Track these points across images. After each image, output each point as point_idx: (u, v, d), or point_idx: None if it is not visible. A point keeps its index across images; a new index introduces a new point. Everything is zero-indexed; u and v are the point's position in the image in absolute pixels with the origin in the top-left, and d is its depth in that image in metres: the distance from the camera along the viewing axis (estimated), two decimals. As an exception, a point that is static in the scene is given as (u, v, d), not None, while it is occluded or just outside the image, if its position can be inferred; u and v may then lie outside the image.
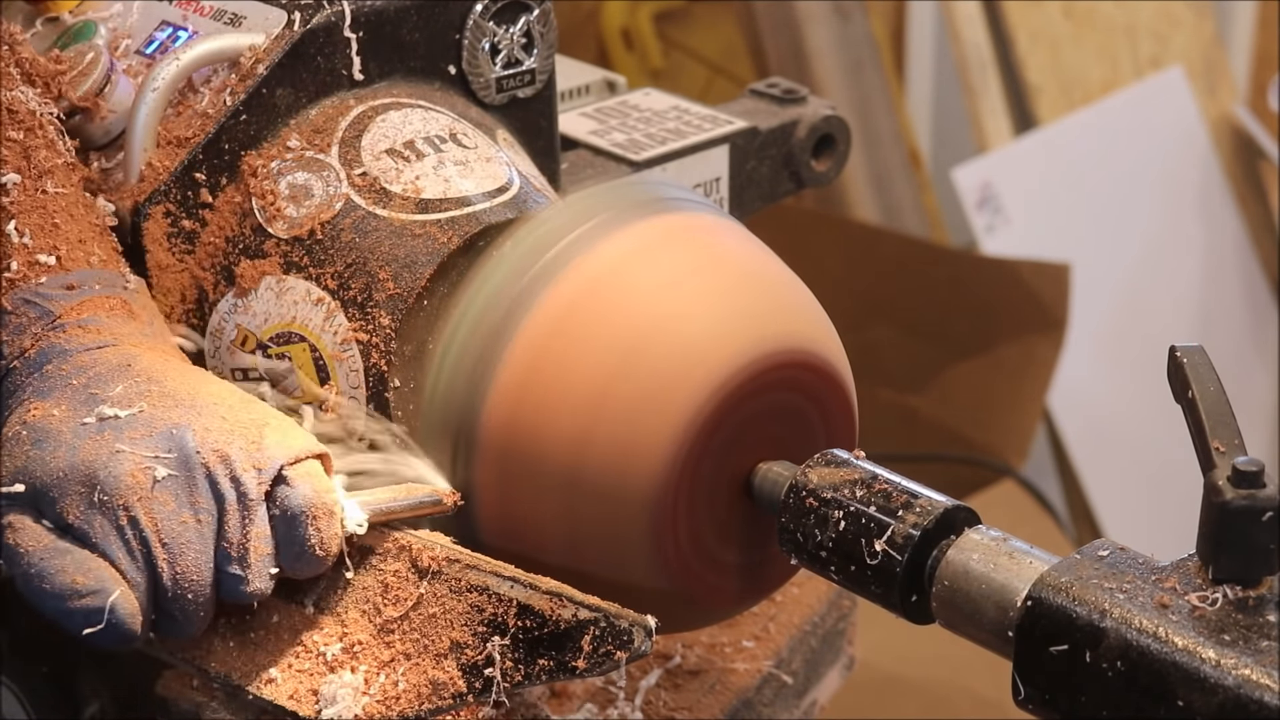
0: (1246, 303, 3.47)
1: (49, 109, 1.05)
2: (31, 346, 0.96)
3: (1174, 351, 0.90)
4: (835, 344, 1.03)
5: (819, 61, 3.00)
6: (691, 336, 0.96)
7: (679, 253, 1.01)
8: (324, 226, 1.04)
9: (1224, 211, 3.43)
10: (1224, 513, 0.79)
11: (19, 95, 1.03)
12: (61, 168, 1.03)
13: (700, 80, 3.31)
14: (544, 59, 1.19)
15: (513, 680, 0.91)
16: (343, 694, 0.92)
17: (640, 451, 0.95)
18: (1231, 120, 3.46)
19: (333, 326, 1.03)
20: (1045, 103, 3.19)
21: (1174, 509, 2.26)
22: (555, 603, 0.91)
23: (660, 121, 1.36)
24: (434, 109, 1.11)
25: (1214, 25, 3.49)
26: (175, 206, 1.06)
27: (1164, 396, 0.91)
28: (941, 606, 0.89)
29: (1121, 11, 3.32)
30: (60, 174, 1.02)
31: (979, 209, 3.05)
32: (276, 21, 1.09)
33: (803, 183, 1.40)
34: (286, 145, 1.08)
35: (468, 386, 0.98)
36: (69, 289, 0.98)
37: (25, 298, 0.97)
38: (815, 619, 1.33)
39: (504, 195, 1.07)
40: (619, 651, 0.90)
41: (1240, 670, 0.76)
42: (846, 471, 0.95)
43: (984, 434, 2.88)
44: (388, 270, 1.03)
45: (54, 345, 0.96)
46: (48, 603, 0.91)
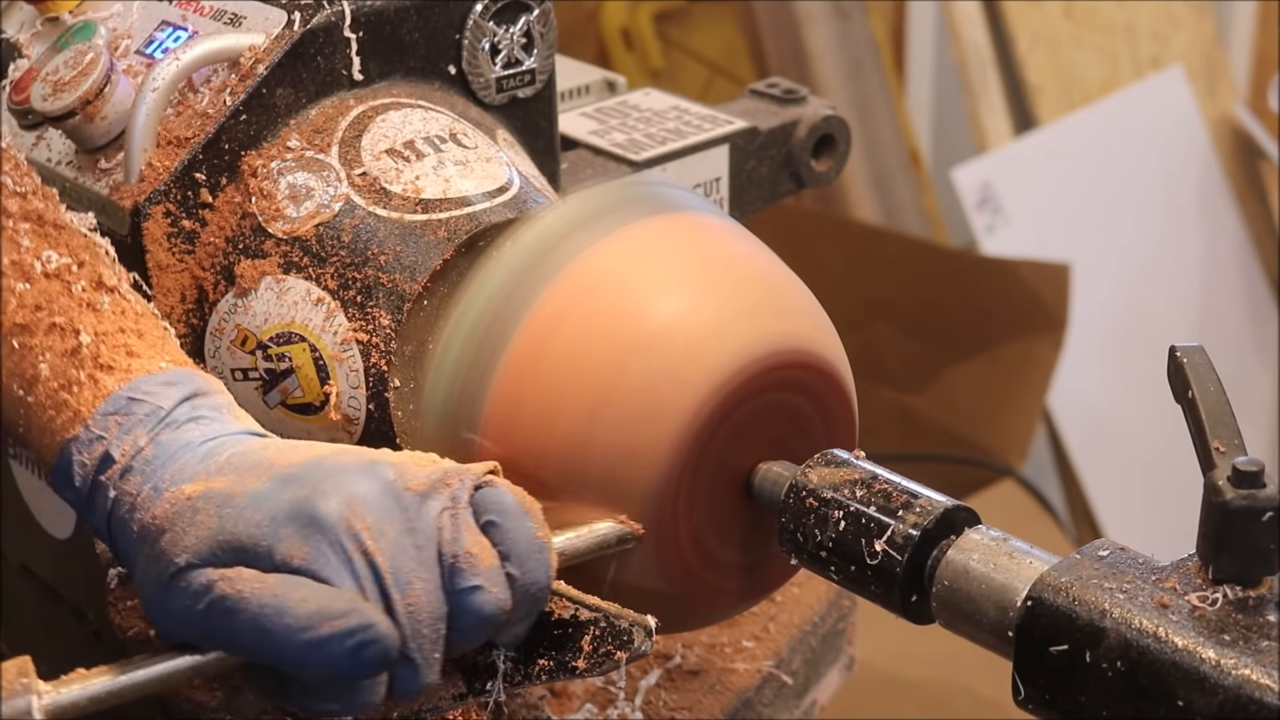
0: (1246, 303, 3.47)
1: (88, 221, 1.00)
2: (148, 445, 0.89)
3: (1174, 351, 0.90)
4: (835, 344, 1.03)
5: (819, 61, 3.00)
6: (691, 336, 0.96)
7: (679, 253, 1.01)
8: (324, 227, 1.04)
9: (1224, 211, 3.43)
10: (1224, 513, 0.79)
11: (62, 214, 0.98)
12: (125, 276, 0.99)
13: (700, 80, 3.31)
14: (544, 59, 1.19)
15: (513, 680, 0.91)
16: (343, 694, 0.92)
17: (640, 451, 0.95)
18: (1231, 120, 3.46)
19: (333, 326, 1.03)
20: (1045, 103, 3.19)
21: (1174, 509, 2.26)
22: (555, 603, 0.91)
23: (660, 121, 1.36)
24: (434, 109, 1.11)
25: (1214, 25, 3.49)
26: (175, 206, 1.06)
27: (1164, 396, 0.91)
28: (941, 606, 0.89)
29: (1121, 11, 3.32)
30: (124, 279, 0.98)
31: (979, 209, 3.05)
32: (276, 21, 1.09)
33: (803, 183, 1.40)
34: (286, 145, 1.08)
35: (468, 387, 0.98)
36: (169, 385, 0.91)
37: (130, 395, 0.90)
38: (815, 619, 1.33)
39: (504, 195, 1.07)
40: (619, 651, 0.90)
41: (1240, 670, 0.76)
42: (846, 471, 0.95)
43: (984, 434, 2.88)
44: (388, 270, 1.03)
45: (174, 440, 0.89)
46: (293, 639, 0.81)
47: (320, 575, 0.83)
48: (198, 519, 0.84)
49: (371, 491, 0.85)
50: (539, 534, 0.88)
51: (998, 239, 3.05)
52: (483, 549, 0.86)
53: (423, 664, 0.85)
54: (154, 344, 0.94)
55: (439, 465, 0.88)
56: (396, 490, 0.85)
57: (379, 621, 0.82)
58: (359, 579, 0.83)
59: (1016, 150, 3.13)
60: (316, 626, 0.81)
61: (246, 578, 0.82)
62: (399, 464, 0.87)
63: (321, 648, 0.81)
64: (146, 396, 0.90)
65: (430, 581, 0.84)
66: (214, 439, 0.89)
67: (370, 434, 1.04)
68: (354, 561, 0.83)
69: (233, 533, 0.83)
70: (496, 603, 0.86)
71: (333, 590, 0.82)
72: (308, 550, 0.83)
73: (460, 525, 0.86)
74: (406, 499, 0.85)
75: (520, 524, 0.87)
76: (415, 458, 0.89)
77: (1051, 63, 3.21)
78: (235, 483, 0.85)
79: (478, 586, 0.85)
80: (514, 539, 0.87)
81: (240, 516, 0.84)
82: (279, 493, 0.84)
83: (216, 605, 0.83)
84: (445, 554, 0.85)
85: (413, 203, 1.05)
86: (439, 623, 0.85)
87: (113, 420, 0.89)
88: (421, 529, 0.85)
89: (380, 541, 0.83)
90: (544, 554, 0.88)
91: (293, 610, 0.81)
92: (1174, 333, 3.28)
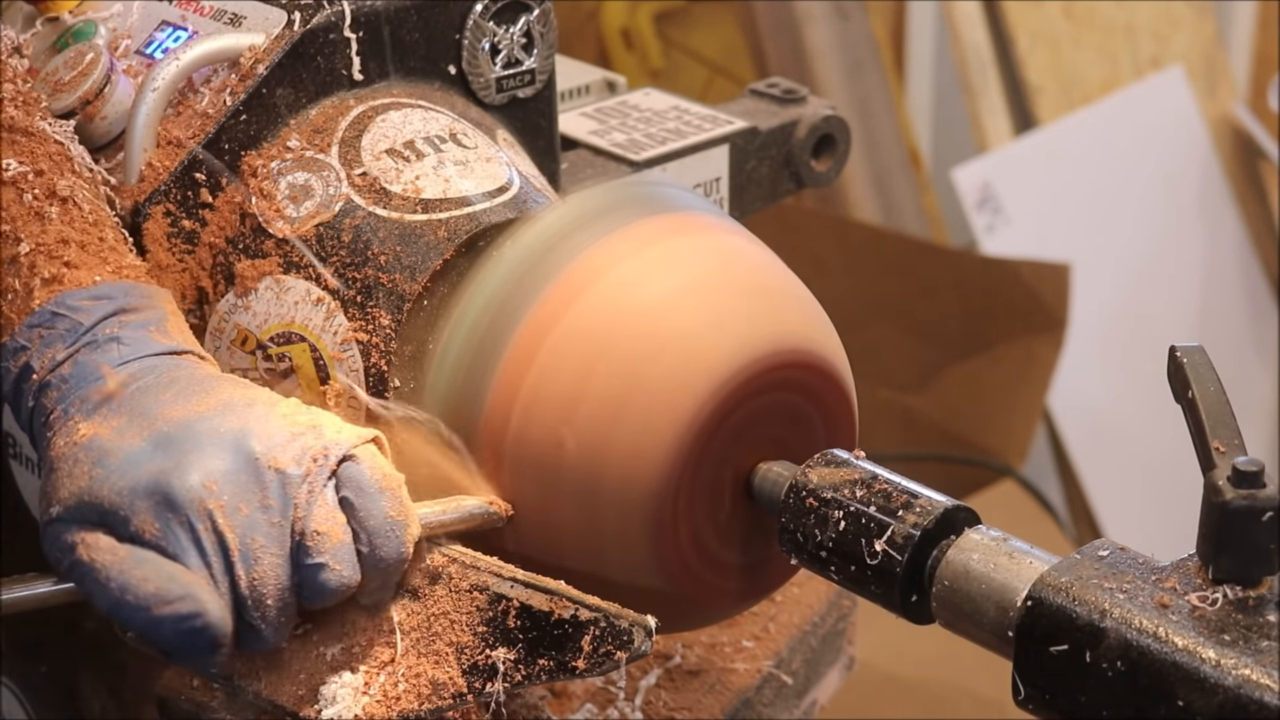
0: (1246, 303, 3.47)
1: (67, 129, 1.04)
2: (65, 361, 0.93)
3: (1174, 351, 0.90)
4: (835, 344, 1.03)
5: (819, 61, 3.00)
6: (691, 336, 0.96)
7: (678, 253, 1.01)
8: (324, 227, 1.04)
9: (1224, 211, 3.43)
10: (1224, 513, 0.79)
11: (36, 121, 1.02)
12: (84, 183, 1.02)
13: (700, 80, 3.31)
14: (544, 59, 1.19)
15: (513, 680, 0.91)
16: (343, 694, 0.92)
17: (640, 451, 0.95)
18: (1231, 120, 3.46)
19: (333, 326, 1.03)
20: (1045, 103, 3.19)
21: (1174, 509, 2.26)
22: (555, 603, 0.91)
23: (660, 121, 1.36)
24: (434, 109, 1.11)
25: (1214, 25, 3.49)
26: (175, 206, 1.06)
27: (1164, 396, 0.91)
28: (941, 606, 0.89)
29: (1121, 11, 3.32)
30: (82, 189, 1.01)
31: (979, 209, 3.05)
32: (276, 21, 1.09)
33: (803, 183, 1.40)
34: (286, 145, 1.08)
35: (467, 387, 0.98)
36: (97, 300, 0.95)
37: (53, 310, 0.94)
38: (815, 619, 1.33)
39: (504, 195, 1.07)
40: (619, 651, 0.90)
41: (1240, 670, 0.76)
42: (846, 471, 0.95)
43: (984, 434, 2.88)
44: (388, 270, 1.03)
45: (90, 360, 0.93)
46: (134, 615, 0.87)
47: (169, 551, 0.88)
48: (76, 470, 0.90)
49: (233, 467, 0.89)
50: (391, 512, 0.91)
51: (998, 239, 3.05)
52: (333, 526, 0.90)
53: (267, 629, 0.90)
54: (96, 257, 0.98)
55: (312, 437, 0.91)
56: (259, 467, 0.89)
57: (210, 609, 0.87)
58: (206, 556, 0.88)
59: (1016, 150, 3.13)
60: (153, 608, 0.87)
61: (102, 547, 0.88)
62: (271, 435, 0.91)
63: (158, 626, 0.87)
64: (69, 312, 0.94)
65: (279, 556, 0.89)
66: (128, 362, 0.93)
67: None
68: (202, 540, 0.88)
69: (98, 496, 0.89)
70: (340, 579, 0.90)
71: (173, 571, 0.87)
72: (159, 527, 0.88)
73: (313, 502, 0.89)
74: (267, 476, 0.89)
75: (374, 502, 0.91)
76: (295, 423, 0.92)
77: (1051, 63, 3.21)
78: (117, 433, 0.90)
79: (322, 564, 0.89)
80: (366, 516, 0.91)
81: (107, 481, 0.89)
82: (147, 459, 0.89)
83: (75, 567, 0.89)
84: (296, 530, 0.89)
85: (413, 203, 1.05)
86: (284, 593, 0.90)
87: (36, 333, 0.94)
88: (277, 505, 0.89)
89: (233, 518, 0.88)
90: (397, 531, 0.91)
91: (135, 589, 0.87)
92: (1174, 333, 3.28)
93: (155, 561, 0.87)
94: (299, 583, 0.90)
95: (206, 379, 0.94)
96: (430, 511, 0.95)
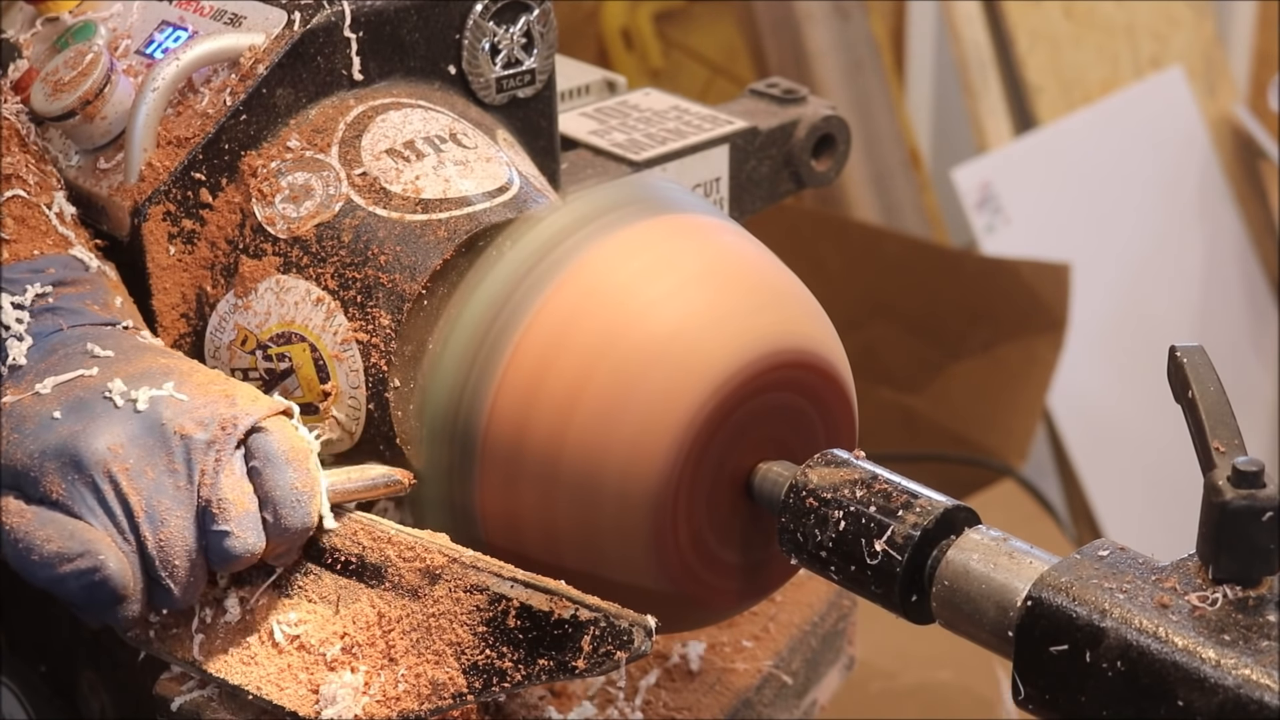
0: (1246, 303, 3.47)
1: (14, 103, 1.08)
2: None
3: (1174, 351, 0.90)
4: (835, 344, 1.03)
5: (819, 61, 3.00)
6: (691, 336, 0.96)
7: (678, 254, 1.01)
8: (324, 227, 1.04)
9: (1224, 211, 3.43)
10: (1224, 513, 0.79)
11: None
12: (31, 159, 1.05)
13: (700, 80, 3.31)
14: (544, 59, 1.19)
15: (513, 680, 0.91)
16: (343, 694, 0.92)
17: (641, 451, 0.95)
18: (1231, 120, 3.46)
19: (333, 326, 1.03)
20: (1045, 103, 3.19)
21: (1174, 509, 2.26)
22: (555, 603, 0.91)
23: (660, 121, 1.36)
24: (434, 109, 1.11)
25: (1214, 25, 3.49)
26: (175, 206, 1.06)
27: (1164, 396, 0.91)
28: (941, 606, 0.89)
29: (1121, 11, 3.32)
30: (28, 165, 1.04)
31: (979, 209, 3.05)
32: (276, 21, 1.09)
33: (803, 183, 1.40)
34: (286, 145, 1.08)
35: (468, 387, 0.98)
36: (36, 272, 0.99)
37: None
38: (815, 619, 1.33)
39: (504, 195, 1.07)
40: (619, 651, 0.90)
41: (1240, 670, 0.76)
42: (846, 471, 0.95)
43: (984, 434, 2.88)
44: (388, 270, 1.03)
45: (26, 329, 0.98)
46: (39, 573, 0.91)
47: (74, 511, 0.91)
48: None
49: (140, 432, 0.92)
50: (297, 483, 0.93)
51: (998, 239, 3.05)
52: (239, 494, 0.92)
53: (176, 588, 0.93)
54: (35, 230, 1.01)
55: (222, 406, 0.93)
56: (166, 433, 0.92)
57: (109, 564, 0.90)
58: (113, 516, 0.91)
59: (1016, 150, 3.13)
60: (55, 566, 0.90)
61: (12, 509, 0.92)
62: (180, 403, 0.93)
63: (61, 584, 0.91)
64: (8, 284, 0.98)
65: (184, 519, 0.92)
66: (60, 331, 0.98)
67: (370, 434, 1.04)
68: (108, 499, 0.91)
69: (12, 459, 0.92)
70: (245, 546, 0.93)
71: (74, 529, 0.91)
72: (64, 487, 0.91)
73: (220, 470, 0.92)
74: (174, 441, 0.92)
75: (280, 472, 0.93)
76: (207, 393, 0.94)
77: (1051, 63, 3.21)
78: (37, 402, 0.94)
79: (228, 531, 0.92)
80: (272, 487, 0.93)
81: (21, 444, 0.92)
82: (60, 424, 0.92)
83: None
84: (202, 497, 0.92)
85: (413, 203, 1.05)
86: (191, 553, 0.92)
87: None
88: (183, 470, 0.92)
89: (138, 481, 0.91)
90: (303, 502, 0.94)
91: (39, 548, 0.91)
92: (1174, 333, 3.28)
93: (59, 521, 0.91)
94: (205, 547, 0.93)
95: (132, 348, 0.97)
96: (336, 480, 0.97)
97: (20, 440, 0.93)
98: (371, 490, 0.99)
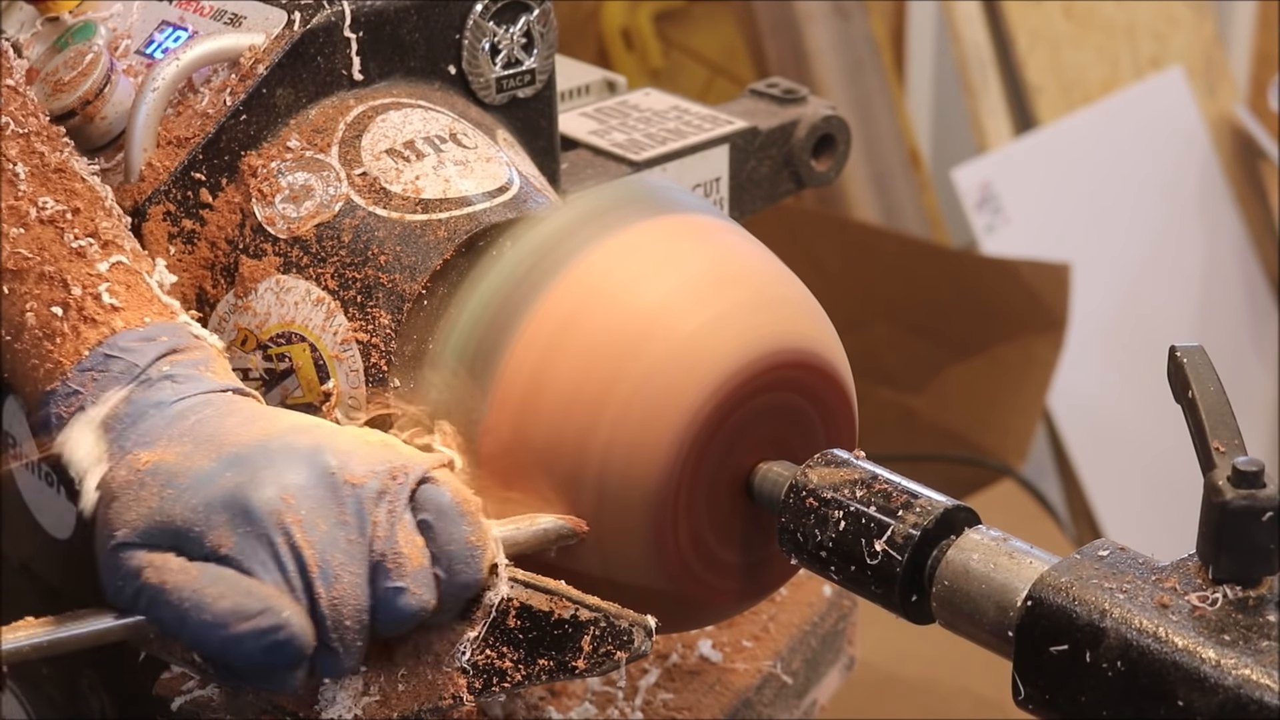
0: (1246, 303, 3.47)
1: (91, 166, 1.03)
2: (120, 402, 0.91)
3: (1174, 351, 0.90)
4: (835, 344, 1.03)
5: (819, 61, 3.00)
6: (691, 337, 0.96)
7: (678, 254, 1.01)
8: (324, 227, 1.04)
9: (1224, 211, 3.43)
10: (1224, 513, 0.79)
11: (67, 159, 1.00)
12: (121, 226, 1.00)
13: (700, 80, 3.31)
14: (544, 59, 1.19)
15: (513, 680, 0.91)
16: (343, 694, 0.92)
17: (640, 452, 0.95)
18: (1231, 120, 3.45)
19: (333, 326, 1.03)
20: (1045, 103, 3.19)
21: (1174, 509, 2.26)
22: (555, 603, 0.91)
23: (660, 121, 1.36)
24: (434, 109, 1.11)
25: (1214, 25, 3.49)
26: (175, 206, 1.06)
27: (1164, 396, 0.91)
28: (941, 606, 0.89)
29: (1121, 11, 3.32)
30: (119, 229, 0.99)
31: (979, 209, 3.05)
32: (276, 21, 1.09)
33: (803, 183, 1.40)
34: (286, 145, 1.08)
35: (467, 387, 0.98)
36: (148, 341, 0.93)
37: (105, 352, 0.92)
38: (815, 619, 1.33)
39: (504, 195, 1.07)
40: (619, 651, 0.90)
41: (1240, 670, 0.76)
42: (846, 471, 0.95)
43: (984, 434, 2.88)
44: (388, 270, 1.03)
45: (146, 398, 0.91)
46: (211, 634, 0.84)
47: (245, 567, 0.85)
48: (143, 494, 0.87)
49: (309, 482, 0.86)
50: (471, 537, 0.89)
51: (998, 239, 3.05)
52: (413, 549, 0.87)
53: (344, 653, 0.87)
54: (141, 297, 0.96)
55: (387, 455, 0.90)
56: (335, 482, 0.87)
57: (292, 621, 0.84)
58: (285, 572, 0.85)
59: (1016, 150, 3.13)
60: (231, 625, 0.84)
61: (173, 568, 0.85)
62: (346, 451, 0.89)
63: (237, 644, 0.84)
64: (123, 354, 0.92)
65: (358, 575, 0.86)
66: (184, 399, 0.91)
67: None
68: (280, 554, 0.85)
69: (169, 515, 0.86)
70: (420, 604, 0.88)
71: (250, 586, 0.85)
72: (235, 540, 0.85)
73: (395, 523, 0.87)
74: (344, 491, 0.87)
75: (454, 527, 0.89)
76: (367, 442, 0.91)
77: (1051, 63, 3.21)
78: (185, 458, 0.88)
79: (403, 588, 0.87)
80: (445, 541, 0.88)
81: (179, 499, 0.86)
82: (219, 476, 0.86)
83: (144, 591, 0.86)
84: (376, 550, 0.87)
85: (413, 203, 1.05)
86: (362, 614, 0.87)
87: (89, 376, 0.92)
88: (355, 523, 0.87)
89: (311, 534, 0.85)
90: (475, 558, 0.89)
91: (210, 607, 0.84)
92: (1174, 333, 3.28)
93: (231, 577, 0.85)
94: (374, 605, 0.87)
95: (268, 409, 0.93)
96: (505, 532, 0.93)
97: (178, 495, 0.86)
98: (542, 541, 0.95)
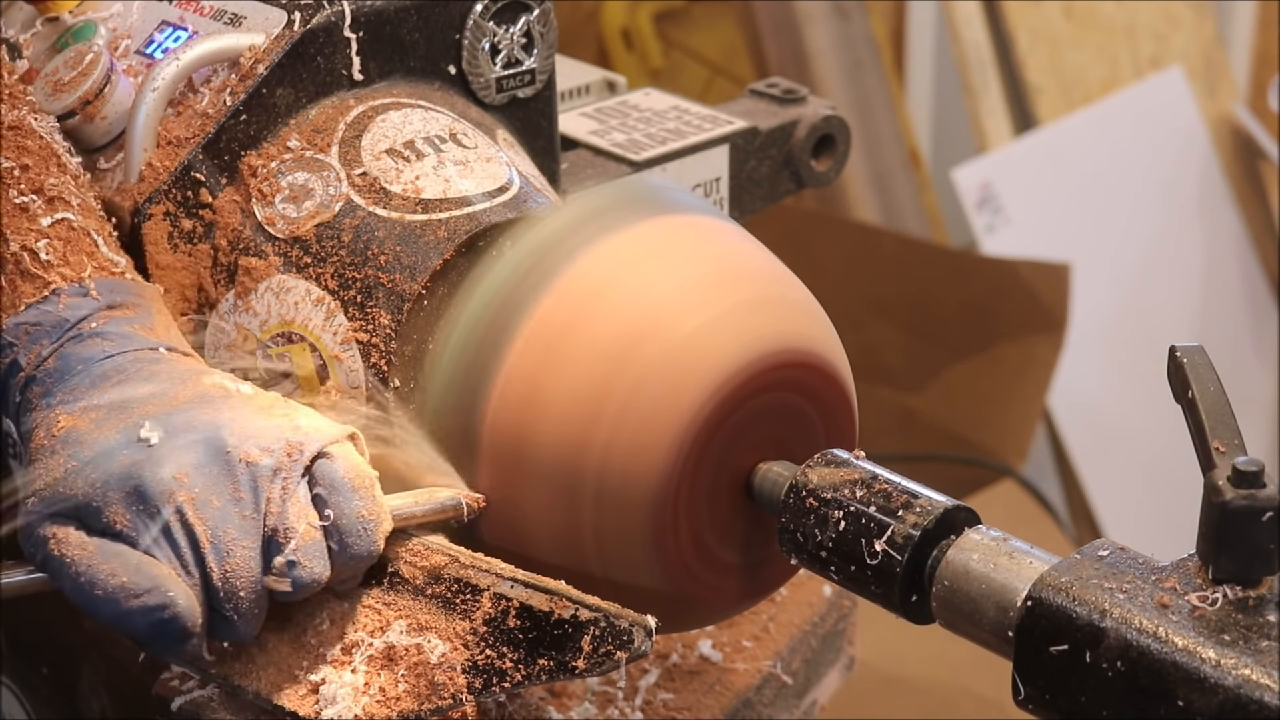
0: (1246, 303, 3.47)
1: (50, 123, 1.05)
2: (50, 356, 0.95)
3: (1174, 351, 0.90)
4: (835, 344, 1.03)
5: (819, 61, 3.00)
6: (691, 337, 0.96)
7: (678, 254, 1.01)
8: (324, 227, 1.04)
9: (1224, 211, 3.43)
10: (1224, 513, 0.79)
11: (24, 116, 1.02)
12: (71, 180, 1.02)
13: (700, 80, 3.31)
14: (544, 59, 1.19)
15: (513, 680, 0.91)
16: (343, 694, 0.92)
17: (640, 452, 0.95)
18: (1231, 120, 3.46)
19: (333, 326, 1.03)
20: (1045, 103, 3.19)
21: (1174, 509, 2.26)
22: (555, 603, 0.91)
23: (660, 121, 1.36)
24: (434, 109, 1.11)
25: (1214, 25, 3.49)
26: (175, 206, 1.06)
27: (1164, 396, 0.91)
28: (941, 606, 0.89)
29: (1121, 11, 3.32)
30: (69, 186, 1.01)
31: (979, 209, 3.05)
32: (276, 21, 1.09)
33: (803, 183, 1.40)
34: (286, 145, 1.08)
35: (467, 387, 0.98)
36: (82, 297, 0.97)
37: (42, 306, 0.96)
38: (815, 619, 1.33)
39: (504, 195, 1.07)
40: (619, 651, 0.90)
41: (1240, 670, 0.76)
42: (846, 471, 0.95)
43: (984, 434, 2.88)
44: (388, 270, 1.03)
45: (75, 354, 0.95)
46: (103, 608, 0.88)
47: (139, 543, 0.89)
48: (54, 461, 0.91)
49: (205, 460, 0.90)
50: (364, 510, 0.92)
51: (998, 239, 3.05)
52: (304, 523, 0.91)
53: (239, 620, 0.91)
54: (82, 253, 0.99)
55: (285, 431, 0.92)
56: (231, 460, 0.90)
57: (178, 600, 0.88)
58: (177, 548, 0.89)
59: (1016, 150, 3.13)
60: (122, 601, 0.88)
61: (72, 542, 0.89)
62: (244, 429, 0.91)
63: (128, 619, 0.88)
64: (55, 308, 0.96)
65: (251, 549, 0.90)
66: (111, 357, 0.95)
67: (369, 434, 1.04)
68: (173, 531, 0.89)
69: (72, 488, 0.90)
70: (311, 575, 0.91)
71: (141, 563, 0.89)
72: (129, 518, 0.89)
73: (287, 498, 0.90)
74: (239, 469, 0.90)
75: (347, 501, 0.92)
76: (270, 417, 0.93)
77: (1051, 63, 3.21)
78: (96, 426, 0.91)
79: (294, 561, 0.90)
80: (338, 514, 0.91)
81: (81, 473, 0.90)
82: (120, 451, 0.90)
83: (48, 561, 0.90)
84: (269, 525, 0.90)
85: (413, 203, 1.05)
86: (257, 585, 0.90)
87: (23, 329, 0.96)
88: (249, 499, 0.90)
89: (203, 511, 0.89)
90: (368, 530, 0.92)
91: (103, 583, 0.88)
92: (1174, 333, 3.28)
93: (124, 554, 0.89)
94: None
95: (187, 372, 0.95)
96: (402, 504, 0.96)
97: (80, 468, 0.90)
98: (439, 514, 0.97)
